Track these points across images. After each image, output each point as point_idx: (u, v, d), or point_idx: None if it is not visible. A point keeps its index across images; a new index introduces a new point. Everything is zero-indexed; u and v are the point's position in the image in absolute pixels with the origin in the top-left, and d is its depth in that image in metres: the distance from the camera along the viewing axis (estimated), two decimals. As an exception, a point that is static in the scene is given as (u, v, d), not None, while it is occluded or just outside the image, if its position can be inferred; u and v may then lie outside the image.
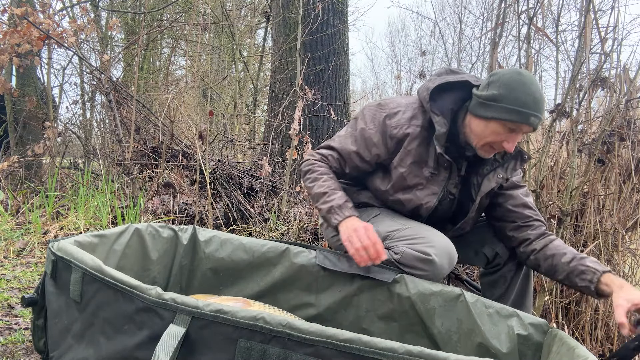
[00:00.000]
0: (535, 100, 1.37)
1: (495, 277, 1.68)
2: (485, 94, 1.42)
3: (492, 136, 1.43)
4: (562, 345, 1.07)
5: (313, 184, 1.53)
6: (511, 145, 1.42)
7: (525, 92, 1.37)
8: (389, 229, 1.48)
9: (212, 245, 1.54)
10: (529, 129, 1.41)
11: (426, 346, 0.83)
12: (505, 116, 1.38)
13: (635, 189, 2.15)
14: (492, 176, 1.55)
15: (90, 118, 5.22)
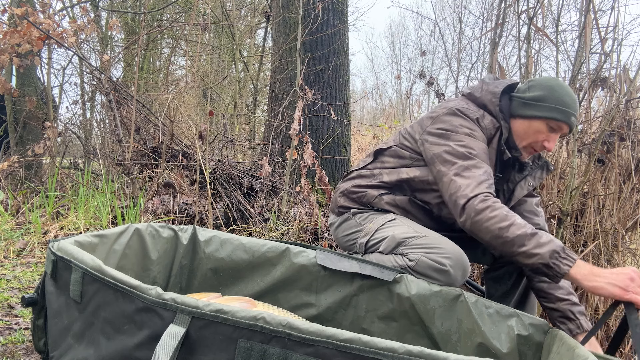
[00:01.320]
0: (574, 102, 1.50)
1: (500, 272, 1.70)
2: (529, 95, 1.52)
3: (535, 135, 1.53)
4: (562, 345, 1.07)
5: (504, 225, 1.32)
6: (552, 145, 1.52)
7: (566, 93, 1.50)
8: (405, 235, 1.46)
9: (212, 245, 1.54)
10: (567, 128, 1.51)
11: (426, 346, 0.83)
12: (548, 114, 1.49)
13: (635, 189, 2.15)
14: (524, 184, 1.63)
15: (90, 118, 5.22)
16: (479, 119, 1.54)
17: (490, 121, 1.55)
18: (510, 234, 1.30)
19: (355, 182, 1.68)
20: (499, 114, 1.56)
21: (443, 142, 1.50)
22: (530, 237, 1.28)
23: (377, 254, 1.50)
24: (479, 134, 1.52)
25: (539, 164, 1.66)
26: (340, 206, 1.69)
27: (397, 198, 1.62)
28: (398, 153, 1.65)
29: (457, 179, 1.42)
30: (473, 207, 1.36)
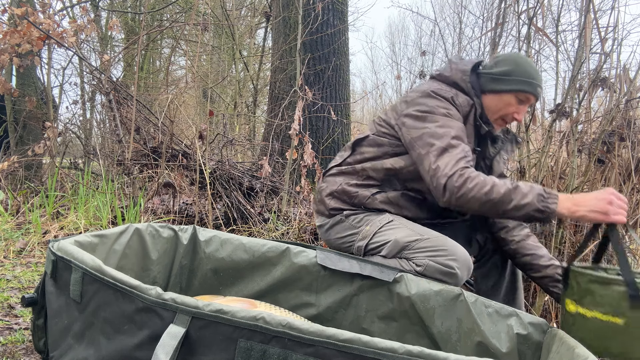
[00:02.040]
0: (538, 74, 1.59)
1: (487, 266, 1.73)
2: (497, 70, 1.60)
3: (506, 108, 1.59)
4: (561, 345, 1.07)
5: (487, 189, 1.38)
6: (521, 116, 1.61)
7: (531, 66, 1.59)
8: (408, 238, 1.45)
9: (212, 245, 1.54)
10: (534, 99, 1.60)
11: (426, 346, 0.83)
12: (517, 87, 1.56)
13: (635, 189, 2.15)
14: (499, 158, 1.69)
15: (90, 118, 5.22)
16: (453, 97, 1.56)
17: (465, 99, 1.58)
18: (497, 195, 1.35)
19: (342, 181, 1.65)
20: (470, 91, 1.60)
21: (420, 125, 1.52)
22: (514, 191, 1.35)
23: (378, 257, 1.50)
24: (454, 112, 1.54)
25: (509, 137, 1.72)
26: (332, 208, 1.65)
27: (389, 195, 1.60)
28: (376, 141, 1.64)
29: (436, 160, 1.44)
30: (453, 184, 1.40)
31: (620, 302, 1.16)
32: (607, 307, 1.17)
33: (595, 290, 1.19)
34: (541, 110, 2.57)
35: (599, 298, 1.18)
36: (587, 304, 1.19)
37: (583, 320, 1.20)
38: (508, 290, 1.71)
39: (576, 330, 1.20)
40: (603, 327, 1.17)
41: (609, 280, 1.19)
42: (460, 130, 1.51)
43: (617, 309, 1.16)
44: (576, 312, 1.21)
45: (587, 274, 1.21)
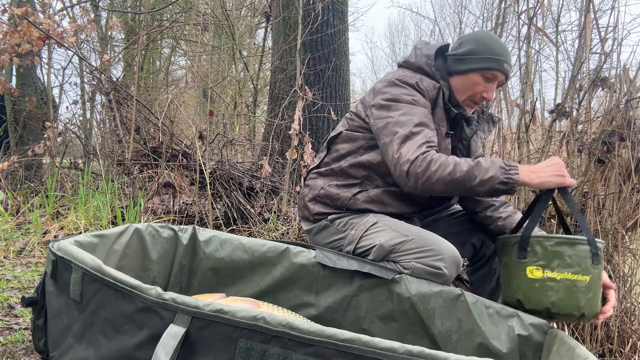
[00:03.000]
0: (504, 50, 1.57)
1: (484, 270, 1.72)
2: (461, 50, 1.59)
3: (473, 88, 1.58)
4: (562, 345, 1.07)
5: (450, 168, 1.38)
6: (490, 94, 1.58)
7: (496, 43, 1.56)
8: (393, 241, 1.44)
9: (212, 245, 1.54)
10: (502, 76, 1.57)
11: (426, 346, 0.83)
12: (482, 65, 1.55)
13: (635, 189, 2.14)
14: (477, 138, 1.69)
15: (90, 118, 5.22)
16: (417, 82, 1.55)
17: (430, 83, 1.58)
18: (460, 173, 1.36)
19: (322, 184, 1.63)
20: (436, 74, 1.60)
21: (385, 114, 1.52)
22: (476, 167, 1.36)
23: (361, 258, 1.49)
24: (419, 98, 1.54)
25: (484, 117, 1.71)
26: (316, 213, 1.63)
27: (371, 194, 1.58)
28: (350, 136, 1.64)
29: (399, 149, 1.44)
30: (416, 170, 1.39)
31: (586, 260, 1.24)
32: (577, 267, 1.23)
33: (565, 251, 1.24)
34: (541, 110, 2.57)
35: (569, 259, 1.24)
36: (557, 267, 1.24)
37: (553, 283, 1.24)
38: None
39: (543, 296, 1.25)
40: (573, 286, 1.23)
41: (576, 240, 1.25)
42: (423, 116, 1.50)
43: (584, 268, 1.24)
44: (543, 277, 1.25)
45: (554, 237, 1.26)
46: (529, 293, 1.28)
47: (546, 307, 1.25)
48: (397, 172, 1.44)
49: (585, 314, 1.24)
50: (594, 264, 1.24)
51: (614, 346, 2.03)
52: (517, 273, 1.31)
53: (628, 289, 2.21)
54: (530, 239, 1.29)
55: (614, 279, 2.12)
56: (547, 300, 1.25)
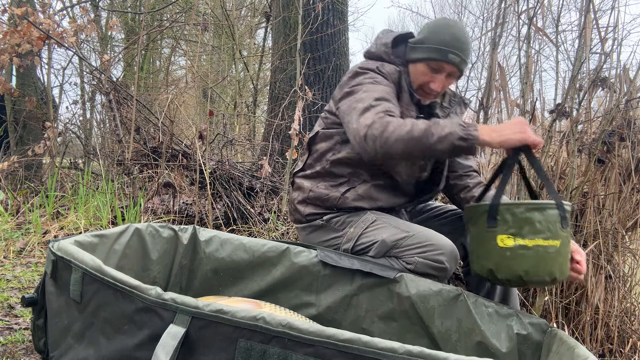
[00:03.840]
0: (456, 39, 1.51)
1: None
2: (415, 39, 1.58)
3: (421, 77, 1.56)
4: (561, 345, 1.07)
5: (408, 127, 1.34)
6: (437, 85, 1.54)
7: (446, 32, 1.51)
8: (394, 237, 1.45)
9: (212, 245, 1.54)
10: (451, 67, 1.52)
11: (426, 346, 0.83)
12: (427, 55, 1.52)
13: (635, 189, 2.15)
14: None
15: (90, 118, 5.22)
16: (378, 67, 1.57)
17: (391, 67, 1.58)
18: (418, 131, 1.32)
19: (310, 186, 1.63)
20: (395, 61, 1.60)
21: (348, 100, 1.52)
22: (434, 125, 1.33)
23: (368, 258, 1.49)
24: (381, 79, 1.54)
25: (456, 100, 1.70)
26: (308, 214, 1.63)
27: (359, 191, 1.58)
28: (326, 134, 1.65)
29: (357, 119, 1.42)
30: (373, 133, 1.36)
31: (555, 224, 1.22)
32: (547, 232, 1.21)
33: (534, 217, 1.21)
34: (541, 110, 2.57)
35: (539, 225, 1.21)
36: (528, 234, 1.21)
37: (525, 250, 1.21)
38: (502, 296, 1.69)
39: (516, 264, 1.22)
40: (545, 252, 1.21)
41: (545, 205, 1.23)
42: (385, 92, 1.49)
43: (554, 232, 1.22)
44: (515, 245, 1.22)
45: (524, 204, 1.23)
46: (501, 262, 1.24)
47: (519, 276, 1.22)
48: (356, 140, 1.42)
49: (556, 278, 1.22)
50: (563, 227, 1.22)
51: (614, 346, 2.03)
52: (487, 242, 1.27)
53: (628, 289, 2.21)
54: (500, 207, 1.25)
55: (614, 279, 2.12)
56: (519, 268, 1.22)
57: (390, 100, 1.48)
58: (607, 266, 2.10)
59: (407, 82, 1.58)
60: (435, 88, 1.55)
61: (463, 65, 1.54)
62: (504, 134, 1.28)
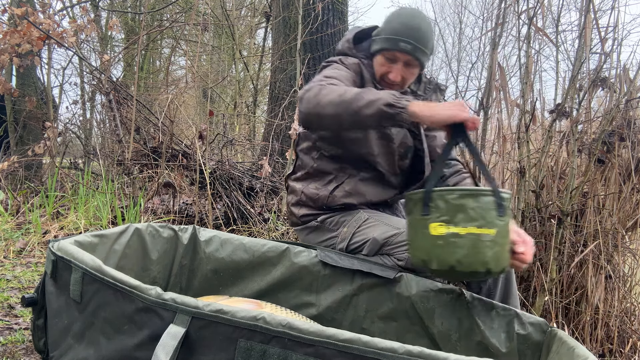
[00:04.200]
0: (406, 27, 1.49)
1: None
2: (375, 31, 1.59)
3: (381, 69, 1.56)
4: (561, 345, 1.07)
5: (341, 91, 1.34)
6: (395, 75, 1.53)
7: (398, 21, 1.51)
8: (386, 234, 1.46)
9: (212, 245, 1.54)
10: (404, 56, 1.50)
11: (426, 346, 0.83)
12: (381, 46, 1.53)
13: (635, 189, 2.15)
14: None
15: (90, 118, 5.22)
16: (341, 59, 1.60)
17: (352, 60, 1.61)
18: (349, 94, 1.31)
19: (301, 188, 1.65)
20: (357, 56, 1.62)
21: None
22: (367, 91, 1.31)
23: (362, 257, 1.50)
24: (343, 68, 1.56)
25: (431, 87, 1.69)
26: (302, 215, 1.65)
27: (346, 187, 1.59)
28: (306, 134, 1.67)
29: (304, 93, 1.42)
30: (309, 95, 1.36)
31: (491, 212, 1.16)
32: (481, 219, 1.15)
33: (468, 204, 1.15)
34: (541, 110, 2.57)
35: (472, 212, 1.15)
36: (461, 221, 1.15)
37: (457, 239, 1.15)
38: (502, 295, 1.69)
39: (448, 253, 1.15)
40: (478, 241, 1.14)
41: (479, 191, 1.17)
42: (343, 77, 1.49)
43: (489, 220, 1.15)
44: (447, 233, 1.15)
45: (457, 190, 1.17)
46: (433, 251, 1.18)
47: (451, 266, 1.15)
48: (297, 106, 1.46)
49: (491, 269, 1.15)
50: (500, 215, 1.16)
51: (614, 346, 2.03)
52: (421, 231, 1.21)
53: (628, 289, 2.22)
54: (433, 194, 1.19)
55: (614, 279, 2.12)
56: (451, 258, 1.15)
57: (344, 82, 1.48)
58: (607, 266, 2.10)
59: (371, 74, 1.60)
60: (394, 78, 1.54)
61: (419, 52, 1.50)
62: (435, 109, 1.23)
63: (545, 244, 2.17)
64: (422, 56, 1.52)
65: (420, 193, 1.22)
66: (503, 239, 1.18)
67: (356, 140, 1.59)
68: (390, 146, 1.61)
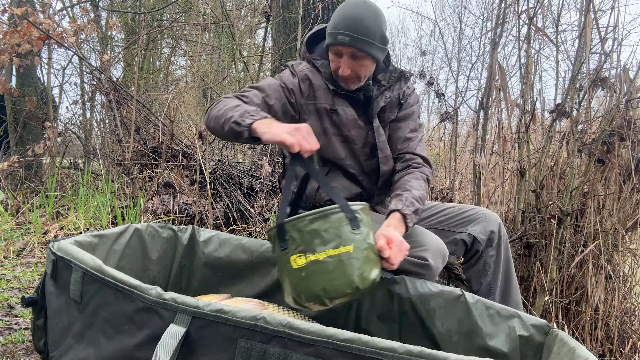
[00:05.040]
0: (344, 19, 1.45)
1: (479, 266, 1.70)
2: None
3: (332, 65, 1.54)
4: (562, 346, 1.07)
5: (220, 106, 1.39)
6: (342, 70, 1.50)
7: (340, 14, 1.47)
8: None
9: (211, 245, 1.54)
10: (346, 49, 1.47)
11: (426, 347, 0.83)
12: (326, 42, 1.51)
13: (635, 189, 2.15)
14: (381, 99, 1.62)
15: (90, 118, 5.22)
16: (293, 65, 1.62)
17: (304, 65, 1.61)
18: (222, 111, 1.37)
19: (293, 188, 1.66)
20: (309, 58, 1.63)
21: None
22: (234, 108, 1.35)
23: None
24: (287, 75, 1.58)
25: (395, 76, 1.65)
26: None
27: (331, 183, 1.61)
28: None
29: None
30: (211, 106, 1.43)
31: (344, 228, 1.13)
32: (337, 239, 1.12)
33: (320, 227, 1.13)
34: (541, 110, 2.57)
35: (326, 234, 1.12)
36: (317, 247, 1.12)
37: (317, 266, 1.11)
38: (503, 290, 1.70)
39: (312, 283, 1.11)
40: (338, 262, 1.11)
41: (328, 211, 1.14)
42: (267, 85, 1.53)
43: (345, 238, 1.13)
44: (307, 263, 1.11)
45: (306, 216, 1.13)
46: (299, 285, 1.13)
47: (318, 295, 1.11)
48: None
49: (359, 287, 1.12)
50: (353, 229, 1.14)
51: (614, 346, 2.03)
52: (285, 266, 1.16)
53: (628, 289, 2.22)
54: (286, 226, 1.15)
55: (614, 279, 2.12)
56: (316, 287, 1.11)
57: (265, 91, 1.51)
58: (607, 266, 2.10)
59: (326, 74, 1.59)
60: (342, 72, 1.51)
61: (360, 43, 1.45)
62: (270, 128, 1.25)
63: (545, 244, 2.17)
64: (365, 47, 1.46)
65: (275, 228, 1.18)
66: (361, 252, 1.15)
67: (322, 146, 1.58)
68: (354, 148, 1.62)
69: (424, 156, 1.63)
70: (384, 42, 1.50)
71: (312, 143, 1.23)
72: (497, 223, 1.66)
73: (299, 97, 1.58)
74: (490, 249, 1.67)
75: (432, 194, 2.84)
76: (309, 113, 1.59)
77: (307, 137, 1.23)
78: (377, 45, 1.48)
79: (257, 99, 1.49)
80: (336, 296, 1.12)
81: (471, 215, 1.68)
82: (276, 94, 1.53)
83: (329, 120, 1.59)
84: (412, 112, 1.68)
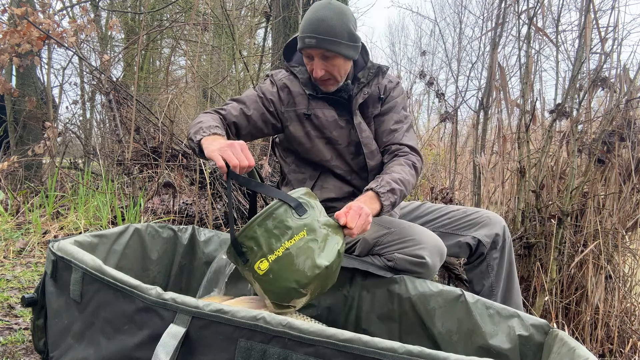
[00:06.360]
0: (310, 22, 1.48)
1: (482, 267, 1.70)
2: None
3: (308, 68, 1.58)
4: (562, 346, 1.07)
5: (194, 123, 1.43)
6: (316, 71, 1.53)
7: (306, 18, 1.50)
8: (376, 234, 1.45)
9: (211, 245, 1.54)
10: (314, 51, 1.50)
11: (426, 347, 0.83)
12: (297, 47, 1.54)
13: (635, 189, 2.15)
14: (360, 95, 1.64)
15: (90, 118, 5.22)
16: (273, 74, 1.65)
17: (283, 73, 1.65)
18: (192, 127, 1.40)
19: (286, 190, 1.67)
20: (289, 66, 1.66)
21: None
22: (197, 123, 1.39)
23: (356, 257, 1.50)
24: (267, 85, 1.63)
25: (373, 72, 1.66)
26: None
27: (324, 184, 1.64)
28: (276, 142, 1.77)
29: None
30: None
31: (291, 218, 1.15)
32: (288, 231, 1.13)
33: (269, 226, 1.14)
34: (541, 110, 2.57)
35: (277, 230, 1.14)
36: (273, 246, 1.13)
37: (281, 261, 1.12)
38: (504, 291, 1.70)
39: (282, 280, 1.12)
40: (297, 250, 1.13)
41: (270, 208, 1.15)
42: (246, 97, 1.58)
43: (295, 226, 1.14)
44: (270, 264, 1.12)
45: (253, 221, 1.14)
46: (272, 288, 1.14)
47: (293, 289, 1.12)
48: None
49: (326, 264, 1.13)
50: (299, 215, 1.15)
51: (614, 346, 2.03)
52: (253, 278, 1.16)
53: (628, 289, 2.22)
54: (239, 238, 1.16)
55: (614, 279, 2.12)
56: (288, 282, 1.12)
57: (244, 102, 1.56)
58: (607, 266, 2.10)
59: (303, 80, 1.61)
60: (315, 75, 1.54)
61: (327, 44, 1.46)
62: (210, 147, 1.26)
63: (545, 244, 2.17)
64: (332, 46, 1.47)
65: (230, 247, 1.18)
66: (319, 230, 1.17)
67: (309, 150, 1.63)
68: (338, 148, 1.63)
69: (411, 145, 1.63)
70: (352, 39, 1.51)
71: (243, 160, 1.20)
72: (501, 226, 1.67)
73: (279, 105, 1.61)
74: (494, 252, 1.67)
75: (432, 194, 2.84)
76: (290, 120, 1.61)
77: (238, 154, 1.20)
78: (345, 43, 1.49)
79: (235, 111, 1.53)
80: (308, 281, 1.13)
81: (476, 219, 1.68)
82: (254, 104, 1.57)
83: (310, 124, 1.61)
84: (395, 105, 1.69)
